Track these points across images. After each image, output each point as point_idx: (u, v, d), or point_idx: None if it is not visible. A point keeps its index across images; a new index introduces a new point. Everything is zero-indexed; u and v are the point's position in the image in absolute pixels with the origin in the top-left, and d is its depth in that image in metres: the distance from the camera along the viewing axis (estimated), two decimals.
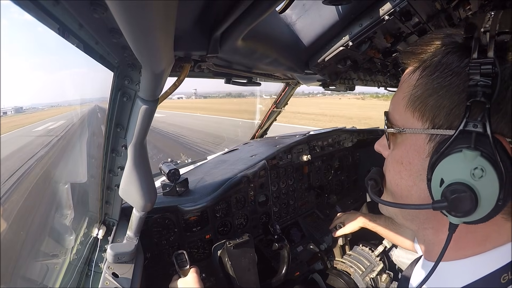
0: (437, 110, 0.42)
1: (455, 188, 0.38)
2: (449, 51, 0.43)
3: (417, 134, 0.45)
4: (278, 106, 2.40)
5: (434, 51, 0.45)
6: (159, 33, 0.39)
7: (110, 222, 1.18)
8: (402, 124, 0.48)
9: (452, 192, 0.38)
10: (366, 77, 1.68)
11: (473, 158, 0.37)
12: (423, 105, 0.44)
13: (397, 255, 1.75)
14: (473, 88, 0.37)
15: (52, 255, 1.15)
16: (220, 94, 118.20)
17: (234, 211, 1.72)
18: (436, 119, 0.43)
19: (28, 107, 9.89)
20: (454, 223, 0.40)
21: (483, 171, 0.36)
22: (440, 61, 0.43)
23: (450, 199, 0.38)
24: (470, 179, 0.37)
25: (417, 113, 0.45)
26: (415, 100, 0.45)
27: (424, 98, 0.44)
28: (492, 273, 0.41)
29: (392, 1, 0.85)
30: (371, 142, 2.61)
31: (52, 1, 0.53)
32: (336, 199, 2.29)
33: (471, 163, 0.37)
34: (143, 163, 0.90)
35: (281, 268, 1.52)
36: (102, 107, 1.70)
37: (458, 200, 0.38)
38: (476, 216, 0.38)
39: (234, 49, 0.79)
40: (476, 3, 1.01)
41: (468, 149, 0.37)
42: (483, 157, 0.37)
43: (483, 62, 0.37)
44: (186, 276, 1.13)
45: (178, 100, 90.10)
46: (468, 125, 0.38)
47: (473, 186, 0.37)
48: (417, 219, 0.51)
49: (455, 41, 0.43)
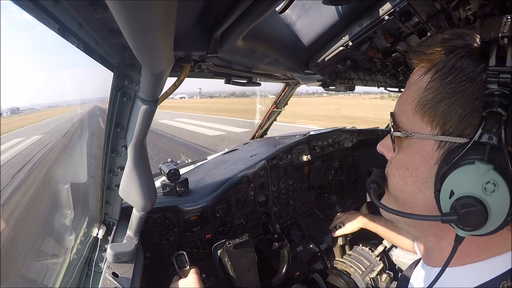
0: (448, 116, 0.41)
1: (466, 202, 0.37)
2: (463, 54, 0.41)
3: (425, 139, 0.44)
4: (278, 106, 2.40)
5: (447, 53, 0.43)
6: (159, 33, 0.39)
7: (110, 222, 1.18)
8: (409, 128, 0.46)
9: (463, 206, 0.37)
10: (366, 77, 1.68)
11: (486, 172, 0.35)
12: (433, 109, 0.42)
13: (397, 255, 1.76)
14: (490, 98, 0.36)
15: (52, 255, 1.15)
16: (223, 94, 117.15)
17: (234, 211, 1.72)
18: (447, 125, 0.41)
19: (26, 108, 9.45)
20: (461, 236, 0.39)
21: (495, 185, 0.35)
22: (454, 64, 0.41)
23: (460, 213, 0.37)
24: (482, 193, 0.36)
25: (426, 117, 0.43)
26: (425, 104, 0.43)
27: (435, 102, 0.42)
28: (492, 280, 0.41)
29: (392, 1, 0.85)
30: (371, 142, 2.61)
31: (52, 1, 0.53)
32: (336, 199, 2.29)
33: (483, 176, 0.36)
34: (143, 163, 0.90)
35: (281, 268, 1.53)
36: (101, 107, 1.70)
37: (468, 215, 0.36)
38: (484, 230, 0.37)
39: (234, 49, 0.79)
40: (476, 3, 1.01)
41: (481, 162, 0.36)
42: (496, 171, 0.35)
43: (502, 70, 0.35)
44: (187, 277, 1.13)
45: (180, 100, 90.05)
46: (483, 136, 0.36)
47: (484, 200, 0.36)
48: (419, 226, 0.50)
49: (469, 44, 0.41)
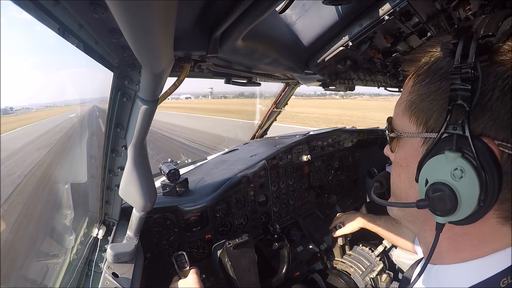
0: (429, 114, 0.44)
1: (436, 187, 0.40)
2: (439, 57, 0.44)
3: (413, 137, 0.47)
4: (278, 106, 2.40)
5: (428, 58, 0.46)
6: (159, 33, 0.39)
7: (110, 222, 1.18)
8: (401, 129, 0.50)
9: (434, 191, 0.40)
10: (366, 77, 1.68)
11: (454, 159, 0.39)
12: (417, 109, 0.46)
13: (397, 255, 1.76)
14: (454, 92, 0.39)
15: (52, 255, 1.15)
16: (231, 95, 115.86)
17: (234, 211, 1.72)
18: (429, 122, 0.44)
19: (20, 108, 8.94)
20: (440, 222, 0.42)
21: (462, 171, 0.38)
22: (431, 67, 0.45)
23: (431, 197, 0.40)
24: (450, 179, 0.39)
25: (413, 117, 0.47)
26: (410, 105, 0.47)
27: (418, 103, 0.46)
28: (492, 277, 0.41)
29: (392, 1, 0.85)
30: (371, 142, 2.61)
31: (52, 1, 0.53)
32: (336, 199, 2.29)
33: (451, 164, 0.39)
34: (143, 163, 0.90)
35: (282, 268, 1.52)
36: (101, 107, 1.70)
37: (438, 199, 0.40)
38: (458, 216, 0.39)
39: (234, 49, 0.79)
40: (476, 3, 1.01)
41: (450, 151, 0.39)
42: (464, 158, 0.38)
43: (463, 66, 0.38)
44: (187, 277, 1.13)
45: (186, 100, 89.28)
46: (449, 127, 0.39)
47: (453, 186, 0.39)
48: (417, 221, 0.52)
49: (447, 47, 0.44)
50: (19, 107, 9.02)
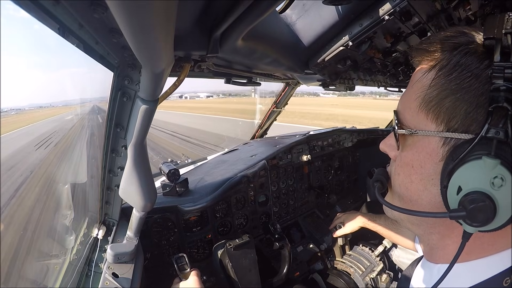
0: (453, 112, 0.41)
1: (475, 197, 0.36)
2: (467, 51, 0.41)
3: (430, 136, 0.44)
4: (278, 106, 2.40)
5: (451, 51, 0.43)
6: (159, 33, 0.39)
7: (110, 222, 1.18)
8: (414, 126, 0.46)
9: (471, 202, 0.37)
10: (366, 77, 1.68)
11: (493, 167, 0.35)
12: (438, 106, 0.42)
13: (397, 255, 1.76)
14: (496, 93, 0.36)
15: (52, 255, 1.15)
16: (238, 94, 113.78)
17: (234, 211, 1.71)
18: (452, 122, 0.41)
19: (8, 109, 8.26)
20: (469, 232, 0.39)
21: (503, 180, 0.35)
22: (459, 61, 0.41)
23: (469, 208, 0.37)
24: (490, 188, 0.36)
25: (431, 114, 0.43)
26: (429, 101, 0.43)
27: (440, 99, 0.42)
28: (494, 276, 0.41)
29: (392, 1, 0.85)
30: (371, 142, 2.61)
31: (52, 1, 0.53)
32: (336, 199, 2.29)
33: (491, 171, 0.36)
34: (143, 163, 0.89)
35: (282, 268, 1.52)
36: (101, 107, 1.70)
37: (477, 210, 0.36)
38: (491, 226, 0.37)
39: (234, 49, 0.79)
40: (476, 3, 1.01)
41: (488, 157, 0.36)
42: (503, 165, 0.35)
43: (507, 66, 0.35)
44: (188, 279, 1.13)
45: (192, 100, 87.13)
46: (489, 131, 0.36)
47: (493, 195, 0.36)
48: (424, 224, 0.49)
49: (472, 41, 0.41)
50: (7, 108, 8.65)
